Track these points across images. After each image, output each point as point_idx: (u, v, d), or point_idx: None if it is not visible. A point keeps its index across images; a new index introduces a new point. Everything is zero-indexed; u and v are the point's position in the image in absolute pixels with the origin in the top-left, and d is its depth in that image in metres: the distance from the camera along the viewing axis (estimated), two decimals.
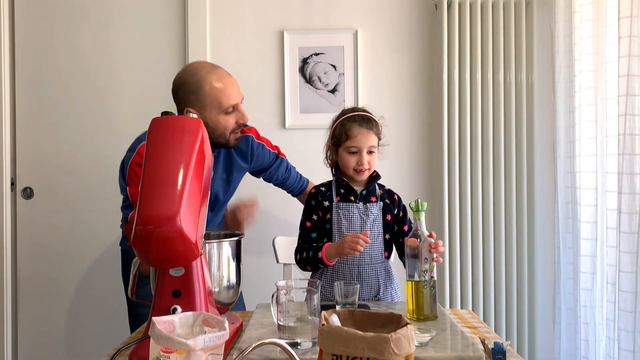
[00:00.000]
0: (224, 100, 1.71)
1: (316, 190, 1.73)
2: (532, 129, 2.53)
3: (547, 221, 2.53)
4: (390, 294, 1.70)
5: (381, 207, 1.68)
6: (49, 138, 2.62)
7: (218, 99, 1.70)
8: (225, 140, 1.78)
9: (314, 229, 1.70)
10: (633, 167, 1.83)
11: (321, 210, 1.69)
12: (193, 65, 1.76)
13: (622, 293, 1.85)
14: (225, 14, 2.61)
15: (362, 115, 1.67)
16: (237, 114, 1.76)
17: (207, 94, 1.69)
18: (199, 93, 1.69)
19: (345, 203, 1.67)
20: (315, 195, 1.72)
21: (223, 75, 1.73)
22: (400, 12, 2.61)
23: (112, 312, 2.57)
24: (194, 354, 0.81)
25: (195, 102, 1.69)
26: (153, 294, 1.18)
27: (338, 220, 1.66)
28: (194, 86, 1.69)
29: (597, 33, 2.13)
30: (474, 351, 1.13)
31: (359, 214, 1.66)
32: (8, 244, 2.60)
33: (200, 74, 1.70)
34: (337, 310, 0.99)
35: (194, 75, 1.70)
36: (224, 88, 1.71)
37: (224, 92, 1.70)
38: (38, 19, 2.62)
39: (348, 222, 1.65)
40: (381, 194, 1.73)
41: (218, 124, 1.73)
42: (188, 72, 1.73)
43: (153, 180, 1.10)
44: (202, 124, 1.21)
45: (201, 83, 1.69)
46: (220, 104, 1.71)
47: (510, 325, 2.51)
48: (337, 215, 1.66)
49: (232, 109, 1.74)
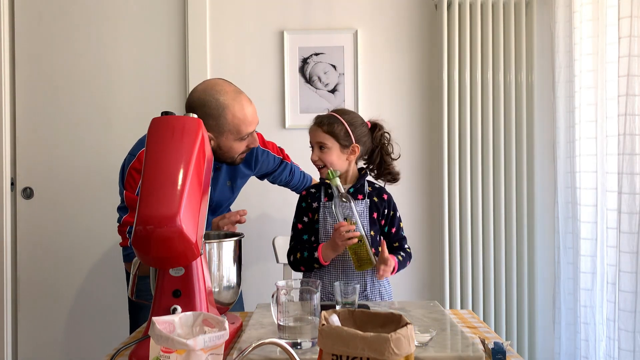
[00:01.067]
0: (242, 129, 1.70)
1: (306, 192, 1.78)
2: (532, 129, 2.53)
3: (547, 221, 2.53)
4: (378, 291, 1.72)
5: (367, 205, 1.71)
6: (49, 138, 2.62)
7: (237, 127, 1.69)
8: (232, 160, 1.79)
9: (305, 230, 1.74)
10: (633, 167, 1.83)
11: (311, 212, 1.74)
12: (215, 87, 1.70)
13: (622, 293, 1.85)
14: (225, 14, 2.61)
15: (324, 114, 1.73)
16: (250, 139, 1.77)
17: (228, 122, 1.68)
18: (220, 120, 1.67)
19: (332, 202, 1.69)
20: (305, 197, 1.77)
21: (246, 104, 1.71)
22: (400, 12, 2.61)
23: (112, 312, 2.57)
24: (194, 354, 0.81)
25: (214, 127, 1.67)
26: (153, 294, 1.18)
27: (324, 219, 1.69)
28: (215, 111, 1.66)
29: (597, 33, 2.13)
30: (474, 351, 1.13)
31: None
32: (8, 244, 2.60)
33: (224, 100, 1.67)
34: (337, 310, 0.99)
35: (217, 100, 1.67)
36: (245, 118, 1.70)
37: (244, 121, 1.70)
38: (38, 19, 2.62)
39: (334, 221, 1.67)
40: (370, 192, 1.75)
41: (231, 149, 1.73)
42: (209, 95, 1.68)
43: (153, 180, 1.10)
44: (202, 124, 1.21)
45: (224, 111, 1.66)
46: (238, 132, 1.70)
47: (510, 325, 2.51)
48: (323, 215, 1.70)
49: (247, 135, 1.74)
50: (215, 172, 1.86)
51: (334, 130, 1.68)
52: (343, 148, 1.69)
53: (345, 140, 1.69)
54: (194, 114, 1.70)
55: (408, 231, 2.58)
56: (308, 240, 1.72)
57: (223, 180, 1.92)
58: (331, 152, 1.68)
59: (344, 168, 1.71)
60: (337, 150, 1.69)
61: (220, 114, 1.66)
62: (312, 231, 1.73)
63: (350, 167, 1.73)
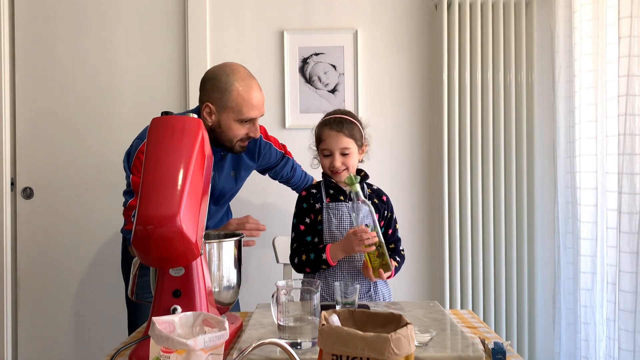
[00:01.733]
0: (244, 110, 1.73)
1: (307, 192, 1.76)
2: (532, 129, 2.53)
3: (547, 221, 2.53)
4: (381, 292, 1.73)
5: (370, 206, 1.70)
6: (49, 138, 2.62)
7: (240, 107, 1.72)
8: (230, 145, 1.80)
9: (308, 232, 1.73)
10: (633, 167, 1.83)
11: (313, 213, 1.72)
12: (231, 66, 1.78)
13: (622, 293, 1.86)
14: (225, 14, 2.61)
15: (335, 117, 1.70)
16: (251, 127, 1.79)
17: (232, 98, 1.72)
18: (225, 94, 1.71)
19: (334, 203, 1.70)
20: (306, 197, 1.75)
21: (254, 88, 1.75)
22: (400, 12, 2.61)
23: (112, 312, 2.57)
24: (194, 354, 0.81)
25: (218, 101, 1.72)
26: (153, 294, 1.18)
27: (328, 220, 1.69)
28: (223, 85, 1.72)
29: (597, 33, 2.13)
30: (474, 351, 1.13)
31: (348, 213, 1.68)
32: (8, 244, 2.60)
33: (234, 77, 1.73)
34: (337, 310, 0.99)
35: (227, 76, 1.73)
36: (250, 100, 1.73)
37: (248, 103, 1.73)
38: (38, 19, 2.62)
39: (338, 222, 1.68)
40: (369, 193, 1.76)
41: (229, 129, 1.75)
42: (223, 70, 1.75)
43: (153, 180, 1.10)
44: (202, 124, 1.21)
45: (231, 86, 1.71)
46: (240, 112, 1.73)
47: (510, 325, 2.51)
48: (327, 216, 1.69)
49: (248, 120, 1.76)
50: (221, 160, 1.88)
51: (354, 133, 1.68)
52: (359, 149, 1.71)
53: (360, 141, 1.71)
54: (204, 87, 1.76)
55: (408, 231, 2.59)
56: (312, 242, 1.72)
57: (227, 169, 1.93)
58: (352, 156, 1.68)
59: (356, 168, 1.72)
60: (356, 152, 1.70)
61: (227, 89, 1.70)
62: (314, 232, 1.72)
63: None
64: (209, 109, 1.74)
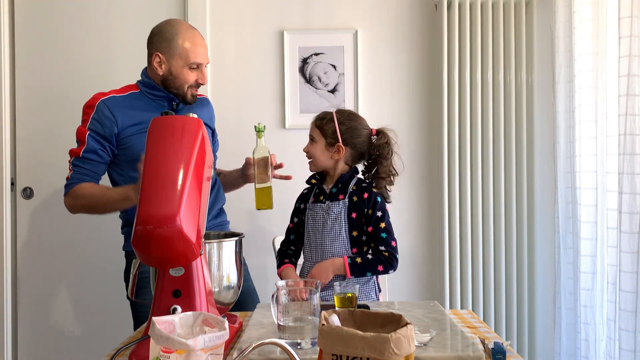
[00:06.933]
0: (191, 56, 1.85)
1: (302, 192, 1.86)
2: (532, 129, 2.53)
3: (547, 221, 2.53)
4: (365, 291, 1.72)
5: (346, 205, 1.71)
6: (49, 138, 2.62)
7: (186, 52, 1.85)
8: (182, 92, 1.90)
9: (293, 231, 1.83)
10: (633, 167, 1.83)
11: (301, 213, 1.81)
12: (173, 20, 1.94)
13: (622, 293, 1.86)
14: (225, 14, 2.61)
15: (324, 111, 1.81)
16: (199, 73, 1.90)
17: (179, 45, 1.85)
18: (172, 42, 1.85)
19: (315, 204, 1.76)
20: (300, 196, 1.86)
21: (197, 36, 1.90)
22: (400, 12, 2.61)
23: (112, 312, 2.57)
24: (194, 354, 0.81)
25: (166, 50, 1.85)
26: (153, 294, 1.18)
27: (307, 221, 1.77)
28: (169, 35, 1.85)
29: (597, 33, 2.13)
30: (474, 351, 1.13)
31: (322, 214, 1.73)
32: (8, 244, 2.59)
33: (178, 28, 1.87)
34: (337, 310, 1.00)
35: (172, 27, 1.87)
36: (194, 47, 1.86)
37: (193, 49, 1.86)
38: (38, 19, 2.62)
39: (314, 222, 1.74)
40: (352, 191, 1.74)
41: (179, 75, 1.87)
42: (167, 24, 1.91)
43: (153, 180, 1.10)
44: (202, 124, 1.21)
45: (176, 35, 1.85)
46: (187, 57, 1.85)
47: (510, 325, 2.51)
48: (307, 217, 1.77)
49: (196, 66, 1.87)
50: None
51: (323, 126, 1.74)
52: (328, 145, 1.73)
53: (332, 139, 1.73)
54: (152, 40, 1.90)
55: (408, 231, 2.59)
56: (294, 241, 1.83)
57: None
58: (316, 146, 1.75)
59: (327, 165, 1.75)
60: (322, 145, 1.74)
61: (173, 38, 1.85)
62: (297, 233, 1.82)
63: (338, 166, 1.75)
64: (158, 58, 1.86)
